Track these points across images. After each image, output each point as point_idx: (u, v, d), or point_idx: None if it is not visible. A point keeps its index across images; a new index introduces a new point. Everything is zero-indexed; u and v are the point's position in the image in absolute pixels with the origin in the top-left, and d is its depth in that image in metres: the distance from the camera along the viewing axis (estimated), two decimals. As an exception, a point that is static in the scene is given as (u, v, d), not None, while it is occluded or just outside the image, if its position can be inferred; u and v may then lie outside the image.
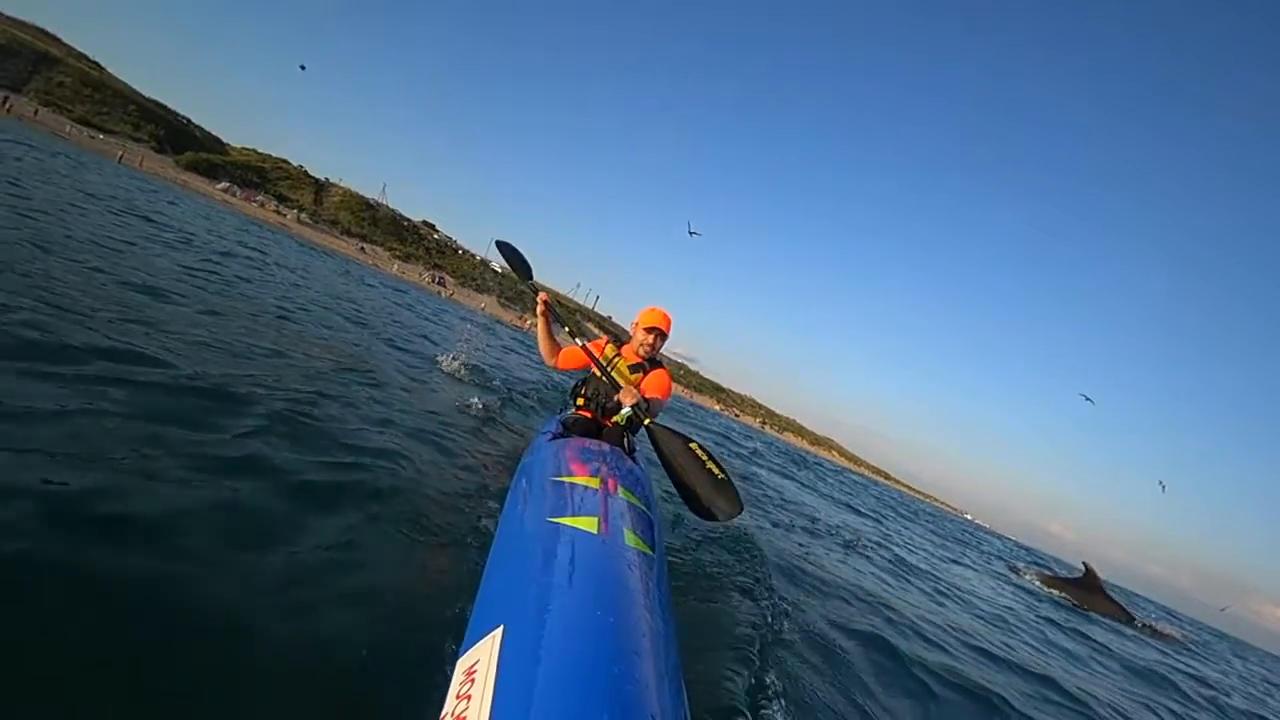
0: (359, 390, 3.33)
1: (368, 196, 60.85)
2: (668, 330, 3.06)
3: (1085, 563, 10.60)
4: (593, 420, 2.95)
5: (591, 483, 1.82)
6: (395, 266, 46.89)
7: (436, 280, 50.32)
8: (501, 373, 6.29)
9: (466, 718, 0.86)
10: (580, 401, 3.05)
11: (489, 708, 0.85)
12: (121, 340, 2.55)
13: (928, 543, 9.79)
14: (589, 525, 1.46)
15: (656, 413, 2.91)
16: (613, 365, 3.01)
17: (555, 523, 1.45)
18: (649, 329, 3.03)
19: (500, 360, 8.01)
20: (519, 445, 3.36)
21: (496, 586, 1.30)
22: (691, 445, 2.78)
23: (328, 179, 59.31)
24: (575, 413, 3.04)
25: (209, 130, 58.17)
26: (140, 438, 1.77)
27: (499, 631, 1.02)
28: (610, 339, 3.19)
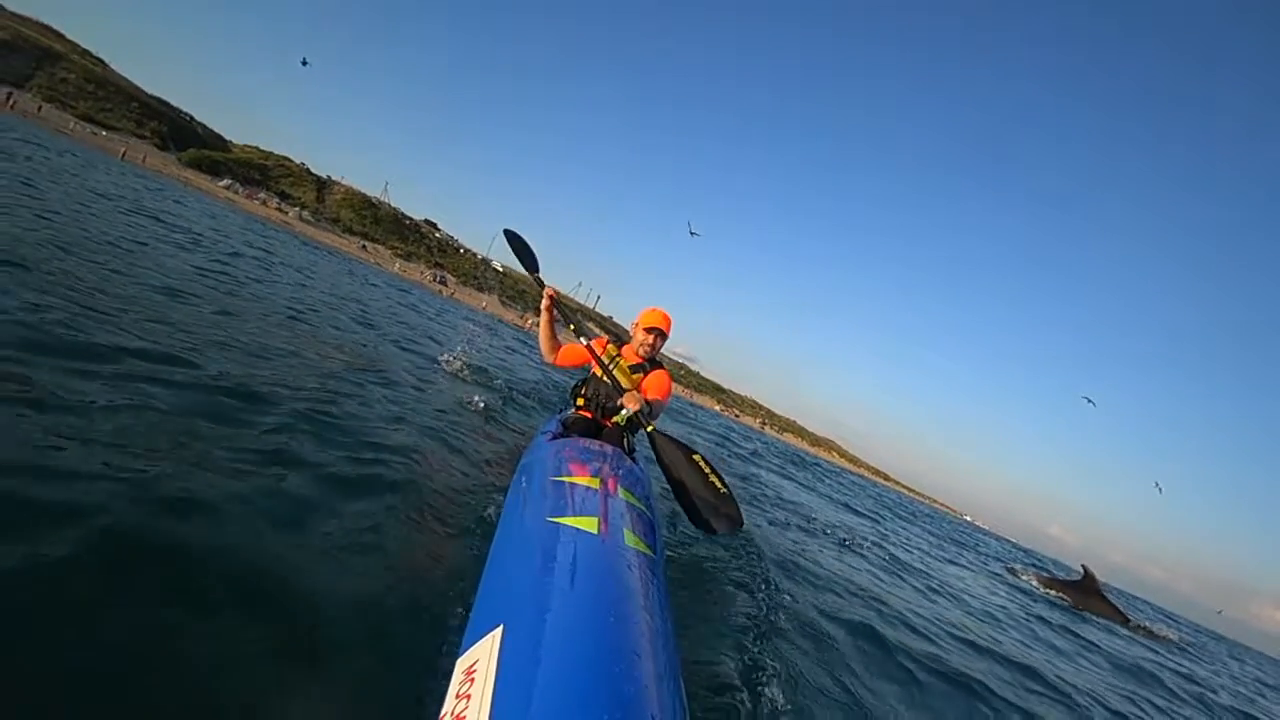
0: (373, 390, 3.42)
1: (370, 194, 60.96)
2: (668, 330, 3.05)
3: (1084, 565, 10.52)
4: (593, 420, 2.95)
5: (591, 483, 1.83)
6: (397, 265, 46.98)
7: (438, 279, 50.42)
8: (504, 373, 6.35)
9: (466, 717, 0.87)
10: (580, 402, 3.05)
11: (489, 707, 0.86)
12: (149, 340, 2.66)
13: (924, 543, 9.77)
14: (589, 525, 1.46)
15: (658, 414, 2.90)
16: (614, 365, 3.00)
17: (555, 522, 1.46)
18: (649, 329, 3.02)
19: (503, 361, 8.11)
20: (520, 445, 3.36)
21: (496, 586, 1.30)
22: (695, 457, 2.77)
23: (330, 177, 59.42)
24: (575, 413, 3.03)
25: (211, 127, 58.30)
26: (183, 431, 1.93)
27: (498, 631, 1.03)
28: (610, 339, 3.17)
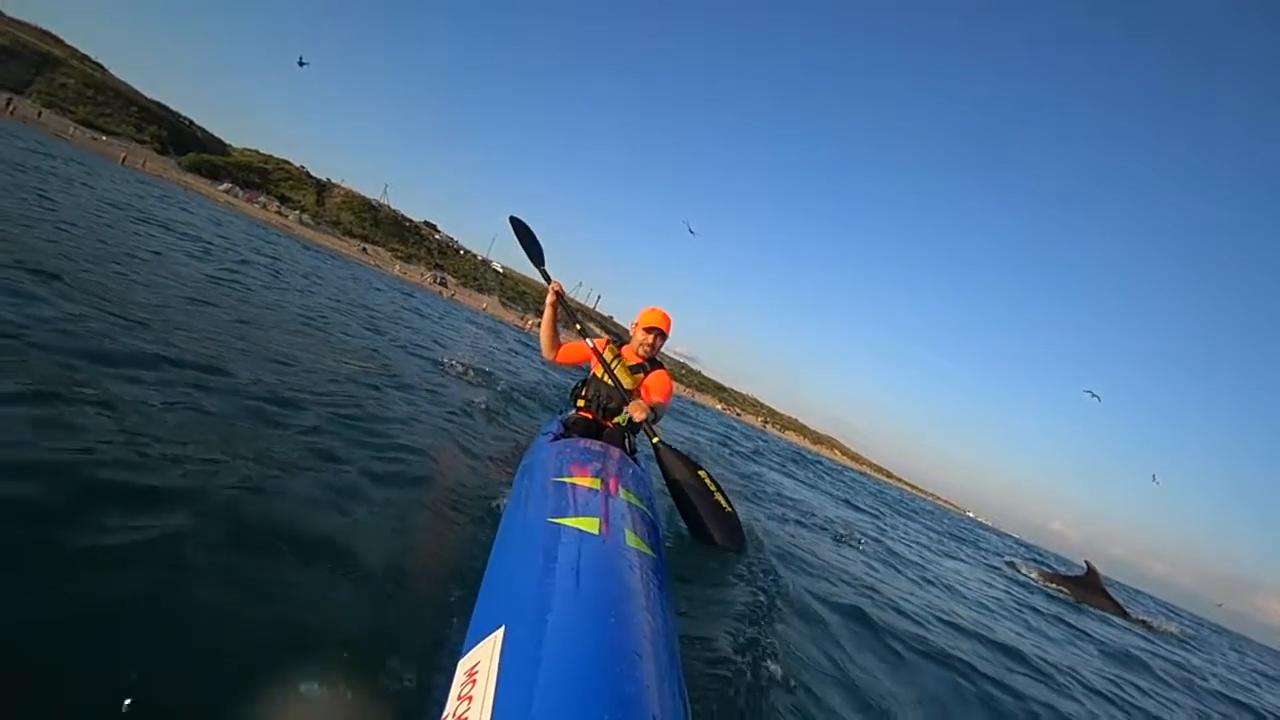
0: (389, 393, 3.54)
1: (369, 197, 61.07)
2: (668, 330, 3.04)
3: (1087, 561, 10.48)
4: (594, 421, 2.96)
5: (592, 483, 1.84)
6: (397, 267, 47.07)
7: (438, 281, 50.55)
8: (507, 375, 6.47)
9: (468, 718, 0.87)
10: (581, 403, 3.06)
11: (490, 708, 0.86)
12: (181, 348, 2.79)
13: (923, 537, 9.77)
14: (590, 526, 1.46)
15: (661, 416, 2.91)
16: (614, 365, 3.00)
17: (556, 523, 1.46)
18: (649, 329, 3.01)
19: (507, 363, 8.27)
20: (521, 445, 3.37)
21: (497, 587, 1.31)
22: (700, 474, 2.79)
23: (329, 179, 59.48)
24: (576, 413, 3.04)
25: (210, 131, 58.42)
26: (231, 431, 2.12)
27: (500, 632, 1.03)
28: (610, 339, 3.16)
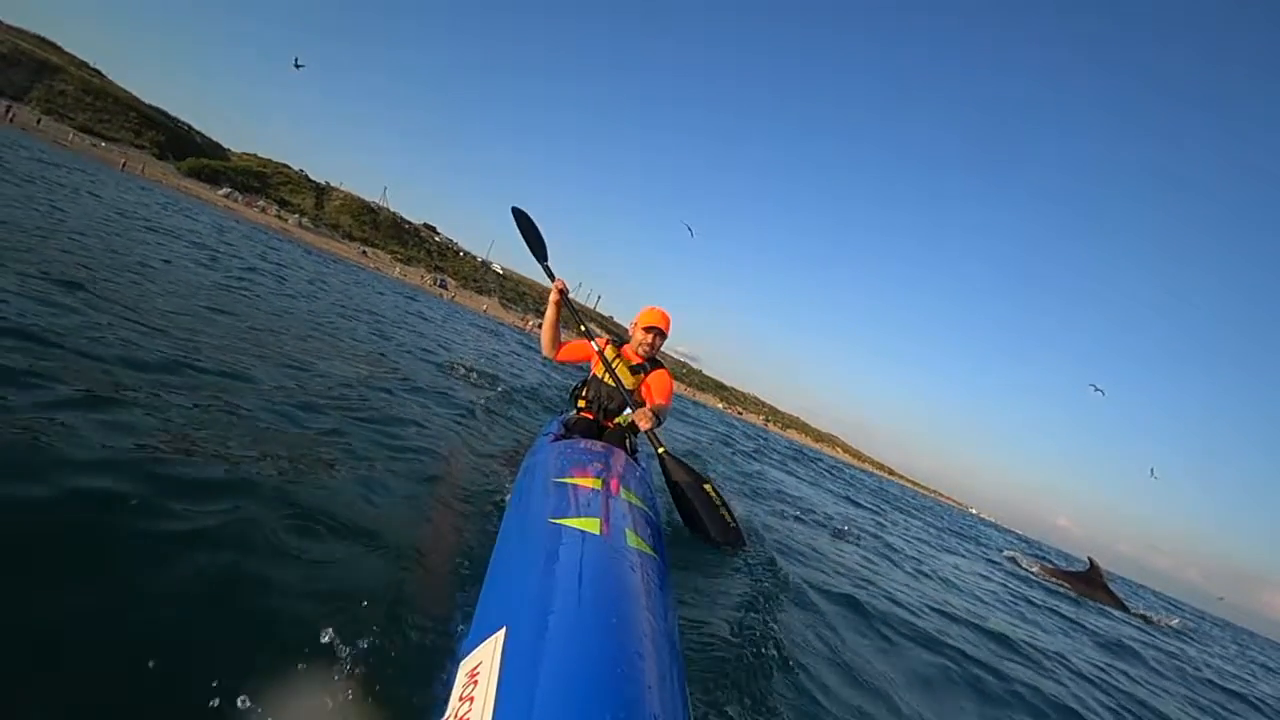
0: (401, 396, 3.66)
1: (368, 200, 61.12)
2: (667, 329, 3.03)
3: (1090, 557, 10.47)
4: (594, 421, 2.97)
5: (593, 484, 1.84)
6: (397, 270, 47.06)
7: (438, 283, 50.57)
8: (510, 376, 6.57)
9: (469, 719, 0.87)
10: (582, 403, 3.07)
11: (491, 709, 0.86)
12: (203, 355, 2.89)
13: (923, 533, 9.81)
14: (591, 526, 1.46)
15: (664, 419, 2.89)
16: (616, 365, 3.00)
17: (557, 524, 1.45)
18: (648, 328, 3.01)
19: (510, 365, 8.41)
20: (522, 446, 3.40)
21: (499, 588, 1.31)
22: (706, 486, 2.82)
23: (328, 183, 59.53)
24: (577, 414, 3.05)
25: (209, 136, 58.47)
26: (265, 431, 2.26)
27: (501, 633, 1.03)
28: (610, 339, 3.16)
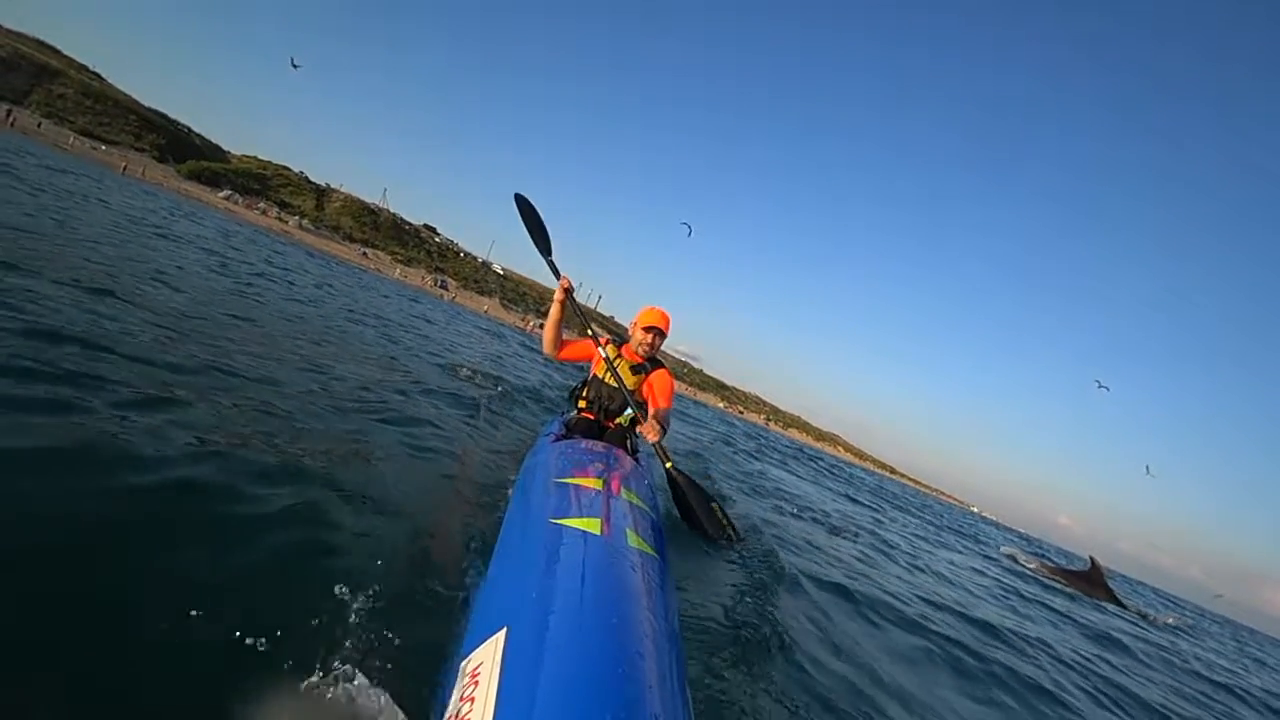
0: (414, 398, 3.76)
1: (368, 201, 61.15)
2: (667, 329, 3.03)
3: (1092, 557, 10.45)
4: (595, 421, 2.98)
5: (594, 484, 1.85)
6: (398, 271, 47.06)
7: (439, 283, 50.63)
8: (513, 377, 6.69)
9: (470, 719, 0.87)
10: (582, 404, 3.07)
11: (492, 709, 0.86)
12: (235, 360, 3.03)
13: (922, 530, 9.82)
14: (592, 526, 1.46)
15: (667, 426, 2.91)
16: (618, 365, 3.01)
17: (558, 524, 1.46)
18: (648, 328, 3.00)
19: (513, 366, 8.55)
20: (524, 445, 3.43)
21: (500, 588, 1.31)
22: (713, 505, 2.91)
23: (328, 184, 59.58)
24: (578, 414, 3.05)
25: (209, 138, 58.53)
26: (301, 429, 2.41)
27: (502, 633, 1.03)
28: (610, 339, 3.16)
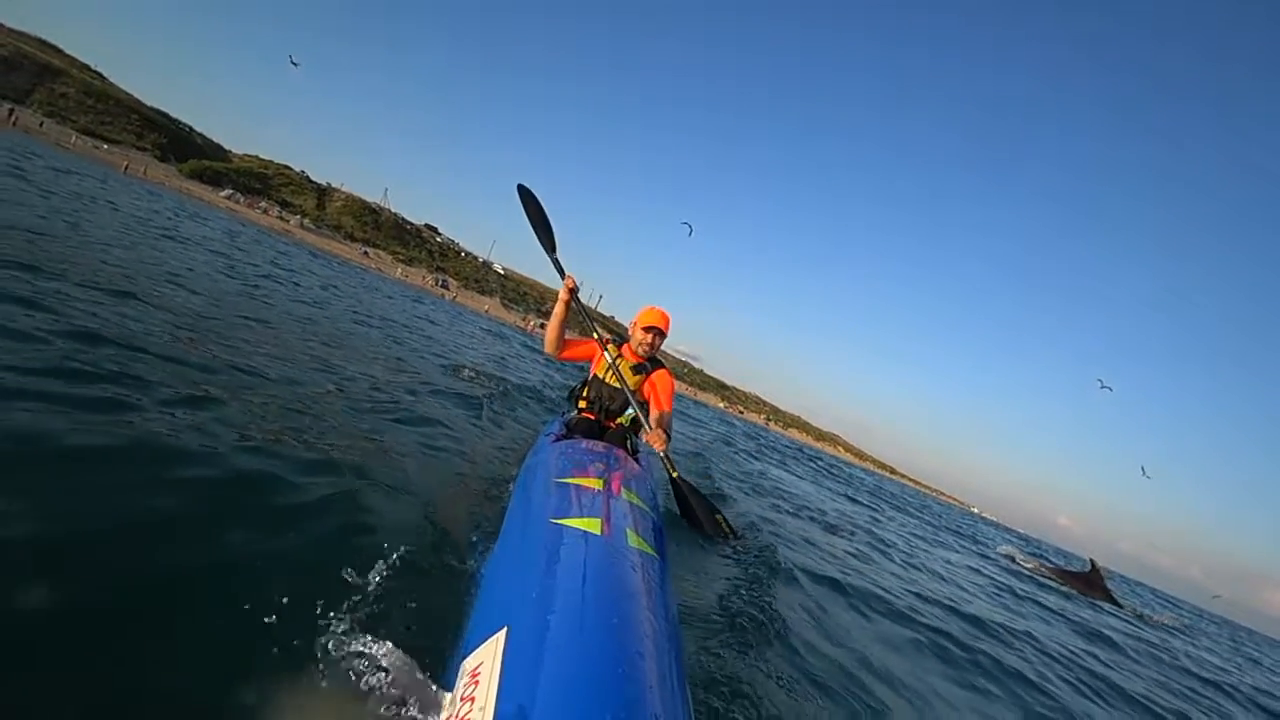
0: (424, 398, 3.84)
1: (370, 200, 61.19)
2: (666, 329, 3.03)
3: (1092, 559, 10.46)
4: (595, 422, 2.97)
5: (594, 484, 1.85)
6: (399, 270, 47.11)
7: (440, 283, 50.70)
8: (516, 377, 6.79)
9: (471, 719, 0.87)
10: (583, 404, 3.07)
11: (493, 709, 0.86)
12: (255, 361, 3.10)
13: (919, 530, 9.84)
14: (592, 526, 1.46)
15: (670, 431, 2.91)
16: (619, 364, 3.01)
17: (558, 524, 1.45)
18: (648, 328, 3.00)
19: (516, 366, 8.67)
20: (525, 445, 3.43)
21: (500, 588, 1.30)
22: (718, 517, 2.98)
23: (329, 184, 59.61)
24: (578, 414, 3.05)
25: (210, 137, 58.58)
26: (321, 426, 2.46)
27: (503, 633, 1.03)
28: (611, 339, 3.16)
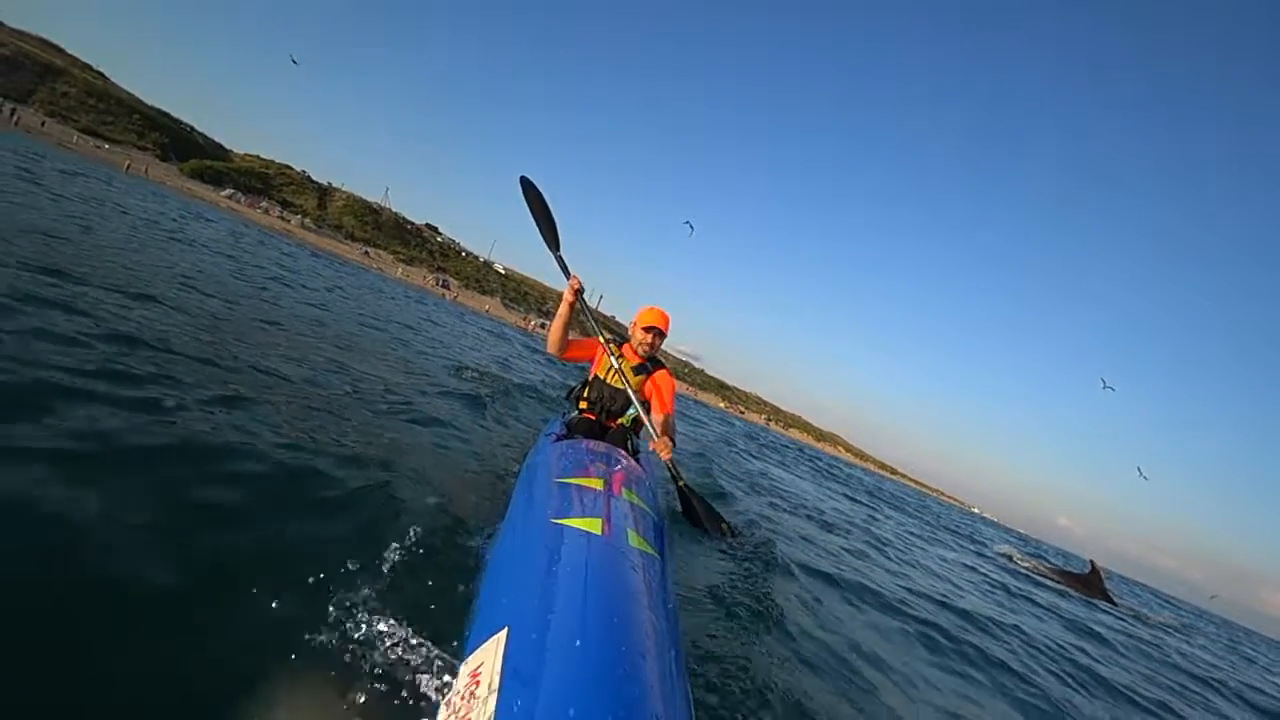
0: (432, 398, 3.94)
1: (370, 200, 61.22)
2: (666, 329, 3.01)
3: (1092, 561, 10.49)
4: (596, 422, 2.95)
5: (595, 484, 1.85)
6: (400, 270, 47.15)
7: (441, 283, 50.75)
8: (518, 377, 6.86)
9: (471, 719, 0.87)
10: (584, 404, 3.05)
11: (493, 709, 0.86)
12: (274, 363, 3.19)
13: (917, 529, 9.86)
14: (592, 526, 1.46)
15: (673, 435, 2.89)
16: (621, 364, 2.98)
17: (559, 524, 1.45)
18: (647, 328, 2.98)
19: (518, 367, 8.75)
20: (525, 446, 3.42)
21: (500, 588, 1.30)
22: (723, 526, 2.98)
23: (330, 184, 59.64)
24: (579, 414, 3.03)
25: (211, 136, 58.59)
26: (343, 425, 2.56)
27: (504, 633, 1.03)
28: (611, 339, 3.13)
